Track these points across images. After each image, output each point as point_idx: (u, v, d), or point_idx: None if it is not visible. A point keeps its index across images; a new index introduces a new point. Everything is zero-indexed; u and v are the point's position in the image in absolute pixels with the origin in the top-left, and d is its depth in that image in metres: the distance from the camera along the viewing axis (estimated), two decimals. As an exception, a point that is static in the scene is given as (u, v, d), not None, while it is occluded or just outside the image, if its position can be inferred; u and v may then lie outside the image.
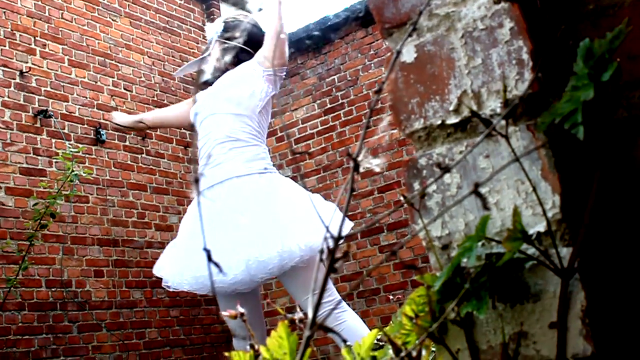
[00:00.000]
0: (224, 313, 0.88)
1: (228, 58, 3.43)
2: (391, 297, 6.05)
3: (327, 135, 7.75)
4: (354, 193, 7.33)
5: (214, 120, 3.26)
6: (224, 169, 3.16)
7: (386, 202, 7.18)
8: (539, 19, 0.93)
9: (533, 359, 0.85)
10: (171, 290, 3.31)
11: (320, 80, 7.94)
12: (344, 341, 0.87)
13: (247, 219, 3.03)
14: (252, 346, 0.80)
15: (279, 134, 7.96)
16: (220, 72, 3.48)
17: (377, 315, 6.97)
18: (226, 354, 0.91)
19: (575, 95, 0.72)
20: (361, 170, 0.60)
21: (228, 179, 3.11)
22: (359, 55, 7.71)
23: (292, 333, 0.81)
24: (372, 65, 7.59)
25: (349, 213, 7.54)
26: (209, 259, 0.54)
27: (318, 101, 7.91)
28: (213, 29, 3.53)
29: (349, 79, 7.74)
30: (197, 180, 0.54)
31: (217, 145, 3.21)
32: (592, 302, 0.84)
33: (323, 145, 7.74)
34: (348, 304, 7.56)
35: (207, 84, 3.52)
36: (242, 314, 0.81)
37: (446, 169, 0.65)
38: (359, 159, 0.59)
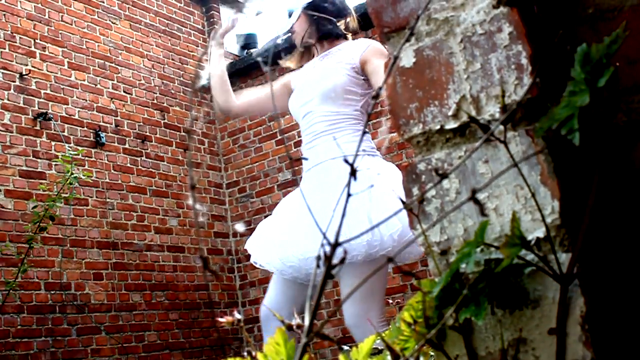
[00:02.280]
0: (220, 319, 0.88)
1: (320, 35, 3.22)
2: (390, 301, 6.03)
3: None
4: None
5: None
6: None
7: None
8: (539, 23, 0.93)
9: (532, 365, 0.85)
10: (264, 268, 3.10)
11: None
12: (341, 348, 0.86)
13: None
14: (249, 353, 0.80)
15: (279, 137, 7.95)
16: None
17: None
18: None
19: (572, 100, 0.72)
20: (358, 176, 0.60)
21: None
22: (359, 58, 7.71)
23: (290, 339, 0.80)
24: (372, 68, 7.59)
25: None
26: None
27: (318, 104, 7.90)
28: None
29: (349, 82, 7.73)
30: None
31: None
32: (591, 308, 0.83)
33: (323, 148, 7.72)
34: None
35: None
36: (239, 320, 0.81)
37: (444, 175, 0.65)
38: (357, 165, 0.58)
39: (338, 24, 3.28)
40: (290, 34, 3.31)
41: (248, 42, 8.78)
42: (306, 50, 3.34)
